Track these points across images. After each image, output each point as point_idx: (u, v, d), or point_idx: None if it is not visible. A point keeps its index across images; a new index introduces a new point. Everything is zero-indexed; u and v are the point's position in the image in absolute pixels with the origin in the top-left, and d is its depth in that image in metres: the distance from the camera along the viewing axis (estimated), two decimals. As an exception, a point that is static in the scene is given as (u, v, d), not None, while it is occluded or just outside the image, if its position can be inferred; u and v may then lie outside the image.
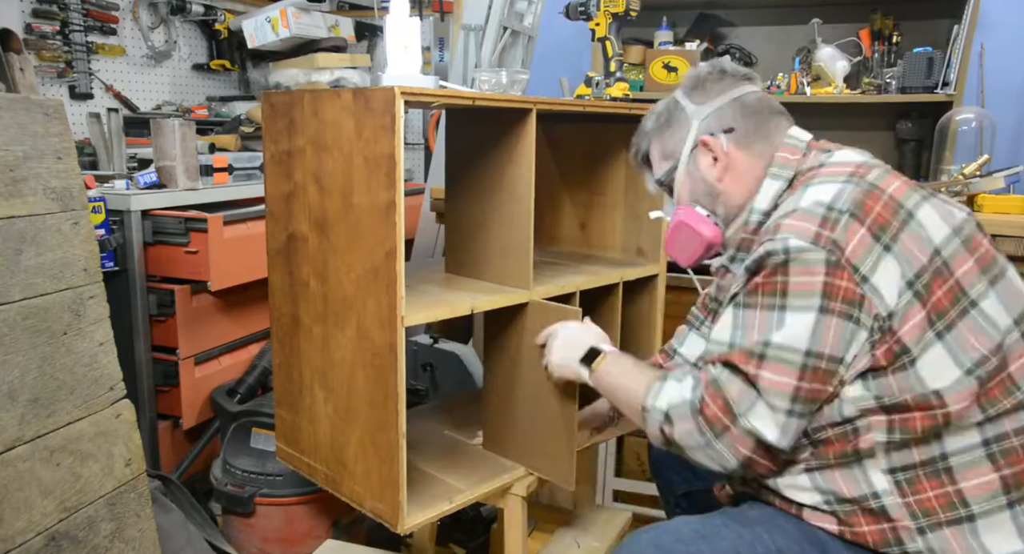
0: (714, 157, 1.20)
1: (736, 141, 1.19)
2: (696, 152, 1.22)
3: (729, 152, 1.19)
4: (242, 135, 2.70)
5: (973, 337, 0.99)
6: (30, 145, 1.25)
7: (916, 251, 0.99)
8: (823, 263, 0.97)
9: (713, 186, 1.21)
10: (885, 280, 0.97)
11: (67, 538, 1.28)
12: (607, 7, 1.87)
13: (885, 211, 1.00)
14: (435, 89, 1.32)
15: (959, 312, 0.99)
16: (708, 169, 1.21)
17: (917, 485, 1.01)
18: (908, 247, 0.99)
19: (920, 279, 0.98)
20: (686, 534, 1.08)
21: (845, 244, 0.98)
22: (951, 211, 1.05)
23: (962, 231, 1.03)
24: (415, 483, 1.45)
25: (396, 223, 1.22)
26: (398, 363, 1.27)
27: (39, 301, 1.25)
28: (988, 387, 0.99)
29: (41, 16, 2.41)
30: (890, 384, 1.00)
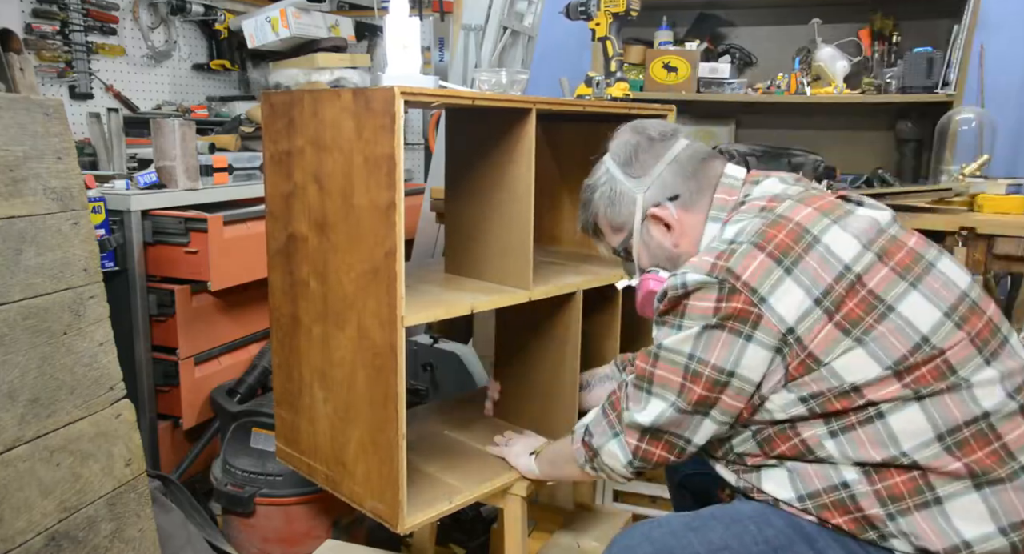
0: (666, 225, 1.24)
1: (682, 205, 1.23)
2: (647, 223, 1.26)
3: (679, 218, 1.23)
4: (242, 135, 2.70)
5: (893, 338, 1.03)
6: (30, 145, 1.25)
7: (821, 271, 1.05)
8: (715, 289, 1.06)
9: (670, 251, 1.26)
10: (786, 300, 1.04)
11: (67, 538, 1.28)
12: (608, 7, 1.87)
13: (788, 237, 1.07)
14: (435, 89, 1.32)
15: (877, 317, 1.04)
16: (663, 237, 1.26)
17: (886, 474, 1.04)
18: (812, 268, 1.05)
19: (828, 296, 1.04)
20: (676, 527, 1.13)
21: (741, 270, 1.05)
22: (864, 227, 1.10)
23: (875, 243, 1.08)
24: (415, 483, 1.45)
25: (396, 223, 1.22)
26: (398, 363, 1.27)
27: (39, 301, 1.25)
28: (916, 374, 1.03)
29: (41, 16, 2.41)
30: (807, 383, 1.05)
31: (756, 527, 1.10)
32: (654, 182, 1.24)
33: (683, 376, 1.10)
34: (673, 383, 1.11)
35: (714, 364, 1.08)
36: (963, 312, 1.06)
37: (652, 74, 3.06)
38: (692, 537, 1.11)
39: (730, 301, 1.05)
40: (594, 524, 1.86)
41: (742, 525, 1.11)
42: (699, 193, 1.23)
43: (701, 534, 1.11)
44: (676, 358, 1.11)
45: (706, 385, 1.09)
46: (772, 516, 1.12)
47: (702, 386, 1.09)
